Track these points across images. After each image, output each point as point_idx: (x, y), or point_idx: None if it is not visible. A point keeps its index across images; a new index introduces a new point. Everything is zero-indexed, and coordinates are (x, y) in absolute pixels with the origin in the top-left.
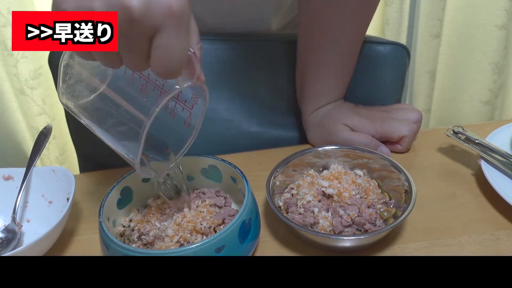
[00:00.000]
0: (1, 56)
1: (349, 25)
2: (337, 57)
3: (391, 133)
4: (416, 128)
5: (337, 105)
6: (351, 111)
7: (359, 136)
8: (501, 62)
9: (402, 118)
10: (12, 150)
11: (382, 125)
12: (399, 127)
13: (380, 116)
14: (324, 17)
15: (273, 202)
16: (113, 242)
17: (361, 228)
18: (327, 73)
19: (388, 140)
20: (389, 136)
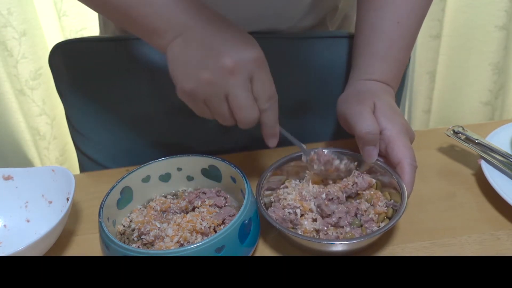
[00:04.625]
0: (1, 57)
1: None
2: (394, 24)
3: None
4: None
5: (385, 88)
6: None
7: (371, 122)
8: (501, 63)
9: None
10: (12, 150)
11: (396, 135)
12: (405, 151)
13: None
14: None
15: (263, 206)
16: (113, 242)
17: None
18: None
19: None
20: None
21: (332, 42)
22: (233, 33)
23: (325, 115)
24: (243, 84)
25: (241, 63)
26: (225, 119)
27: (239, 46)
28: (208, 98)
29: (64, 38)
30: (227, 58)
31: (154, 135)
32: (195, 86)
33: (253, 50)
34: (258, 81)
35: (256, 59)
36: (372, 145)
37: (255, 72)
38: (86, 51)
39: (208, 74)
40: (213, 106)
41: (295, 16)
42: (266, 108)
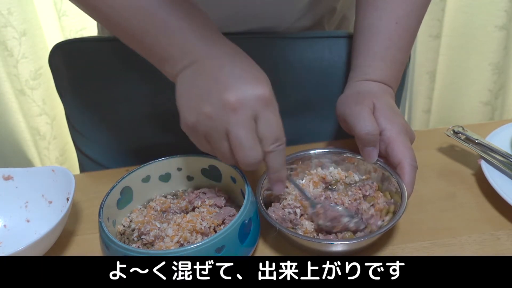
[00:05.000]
0: (1, 57)
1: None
2: (393, 24)
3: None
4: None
5: (385, 89)
6: (391, 103)
7: (370, 122)
8: (501, 63)
9: (408, 146)
10: (12, 150)
11: (396, 135)
12: (405, 152)
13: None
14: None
15: (263, 206)
16: (113, 242)
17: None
18: (379, 38)
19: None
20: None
21: (332, 42)
22: (245, 68)
23: (325, 115)
24: (245, 122)
25: (245, 100)
26: (225, 157)
27: (246, 82)
28: (208, 133)
29: (64, 38)
30: (230, 94)
31: (154, 135)
32: (196, 120)
33: (260, 88)
34: (263, 121)
35: (263, 98)
36: (372, 146)
37: (260, 111)
38: (86, 51)
39: (210, 108)
40: (213, 142)
41: (292, 16)
42: (271, 150)
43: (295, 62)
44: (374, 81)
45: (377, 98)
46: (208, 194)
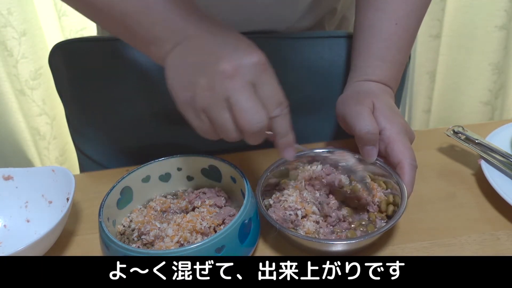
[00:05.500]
0: (1, 57)
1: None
2: (392, 25)
3: (394, 147)
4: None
5: (384, 89)
6: (391, 103)
7: (370, 122)
8: (501, 63)
9: (408, 146)
10: (12, 150)
11: (396, 134)
12: (405, 151)
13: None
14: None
15: (263, 206)
16: (113, 242)
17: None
18: (379, 39)
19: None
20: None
21: (332, 42)
22: (234, 39)
23: (325, 115)
24: (245, 87)
25: (242, 67)
26: (228, 131)
27: (240, 51)
28: (207, 106)
29: (64, 38)
30: (226, 63)
31: (154, 135)
32: (193, 94)
33: (255, 55)
34: (263, 86)
35: (259, 64)
36: (372, 145)
37: (258, 76)
38: (86, 51)
39: (206, 80)
40: (214, 115)
41: (292, 17)
42: (276, 115)
43: (295, 62)
44: (373, 81)
45: (377, 98)
46: (208, 194)
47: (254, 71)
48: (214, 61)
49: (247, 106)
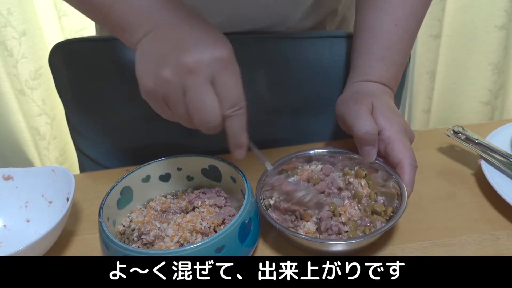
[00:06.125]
0: (1, 57)
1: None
2: (392, 26)
3: (394, 147)
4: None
5: (384, 89)
6: (390, 103)
7: (369, 122)
8: (501, 63)
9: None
10: (12, 150)
11: (395, 135)
12: (404, 151)
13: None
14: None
15: (263, 206)
16: (113, 242)
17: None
18: (378, 40)
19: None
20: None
21: (332, 42)
22: (204, 31)
23: (325, 115)
24: (202, 85)
25: (203, 62)
26: (185, 122)
27: (205, 45)
28: (166, 97)
29: (64, 38)
30: (188, 56)
31: (154, 135)
32: (154, 85)
33: (219, 50)
34: (221, 84)
35: (222, 60)
36: (371, 145)
37: (218, 73)
38: (86, 51)
39: (167, 71)
40: (172, 106)
41: (293, 18)
42: (229, 114)
43: (295, 62)
44: (373, 82)
45: (376, 98)
46: (208, 194)
47: (215, 67)
48: (177, 52)
49: (200, 105)
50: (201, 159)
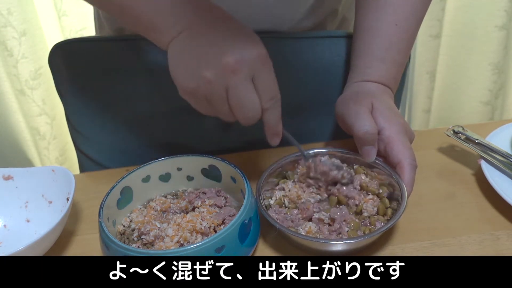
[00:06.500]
0: (1, 57)
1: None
2: (392, 26)
3: (394, 147)
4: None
5: (384, 89)
6: (390, 103)
7: (368, 122)
8: (501, 63)
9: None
10: (12, 150)
11: (395, 135)
12: (404, 151)
13: (401, 130)
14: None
15: (263, 206)
16: (113, 242)
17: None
18: (378, 40)
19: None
20: (390, 146)
21: (332, 42)
22: (238, 31)
23: (325, 115)
24: (244, 83)
25: (243, 61)
26: (226, 117)
27: (242, 44)
28: (209, 96)
29: (64, 38)
30: (229, 56)
31: (154, 135)
32: (197, 85)
33: (256, 48)
34: (260, 80)
35: (259, 57)
36: (370, 145)
37: (257, 70)
38: (86, 51)
39: (210, 72)
40: (215, 104)
41: (294, 18)
42: (269, 107)
43: (294, 62)
44: (373, 82)
45: (376, 98)
46: (208, 194)
47: (255, 64)
48: (217, 53)
49: (243, 101)
50: (201, 159)
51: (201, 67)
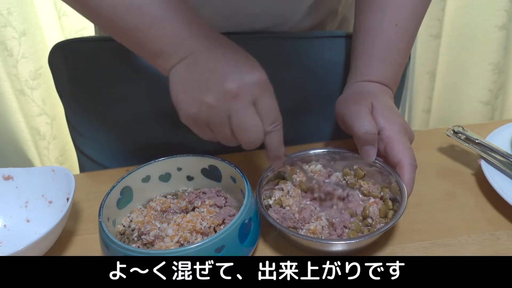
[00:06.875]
0: (1, 57)
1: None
2: (392, 26)
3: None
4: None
5: (383, 89)
6: (390, 103)
7: (368, 121)
8: (501, 63)
9: (408, 146)
10: (12, 150)
11: (395, 134)
12: (404, 151)
13: (401, 129)
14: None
15: (263, 206)
16: (113, 242)
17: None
18: (378, 40)
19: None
20: (390, 145)
21: (331, 42)
22: (238, 57)
23: (325, 115)
24: (246, 108)
25: (245, 87)
26: (229, 142)
27: (243, 70)
28: (210, 122)
29: (64, 38)
30: (230, 82)
31: (154, 135)
32: (198, 110)
33: (257, 73)
34: (262, 104)
35: (260, 83)
36: (370, 145)
37: (258, 95)
38: (86, 51)
39: (211, 98)
40: (216, 129)
41: (294, 18)
42: (270, 130)
43: (294, 62)
44: (373, 82)
45: (376, 98)
46: (208, 194)
47: (256, 90)
48: (218, 79)
49: (246, 126)
50: (201, 159)
51: (202, 92)
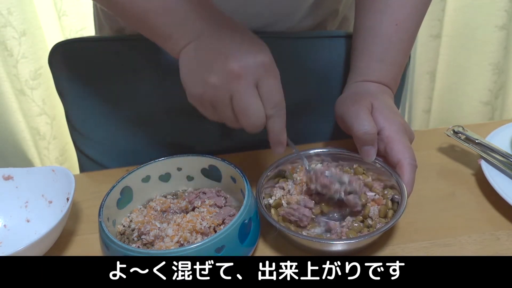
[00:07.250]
0: (1, 57)
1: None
2: (392, 27)
3: (393, 147)
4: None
5: (383, 89)
6: (390, 102)
7: (368, 122)
8: (501, 63)
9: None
10: (12, 150)
11: (395, 135)
12: (404, 151)
13: (401, 129)
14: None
15: (263, 206)
16: (113, 242)
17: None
18: (378, 40)
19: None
20: (390, 145)
21: (331, 42)
22: (244, 38)
23: (325, 115)
24: (248, 89)
25: (248, 68)
26: (231, 123)
27: (248, 51)
28: (214, 102)
29: (64, 38)
30: (233, 62)
31: (154, 135)
32: (203, 91)
33: (261, 55)
34: (264, 87)
35: (264, 64)
36: (370, 145)
37: (261, 76)
38: (86, 51)
39: (215, 78)
40: (219, 110)
41: (294, 18)
42: (272, 114)
43: (294, 62)
44: (373, 82)
45: (376, 98)
46: (208, 194)
47: (259, 71)
48: (222, 60)
49: (246, 107)
50: (201, 159)
51: (206, 73)
